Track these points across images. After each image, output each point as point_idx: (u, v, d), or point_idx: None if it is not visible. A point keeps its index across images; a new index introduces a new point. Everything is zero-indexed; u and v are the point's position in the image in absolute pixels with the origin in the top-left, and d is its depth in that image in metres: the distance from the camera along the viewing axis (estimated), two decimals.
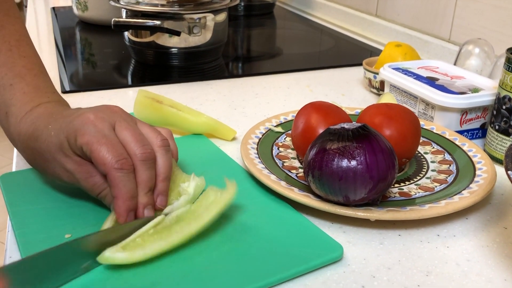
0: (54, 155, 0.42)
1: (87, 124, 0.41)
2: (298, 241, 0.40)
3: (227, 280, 0.36)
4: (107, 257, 0.34)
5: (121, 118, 0.43)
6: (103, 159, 0.39)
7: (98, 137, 0.40)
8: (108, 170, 0.39)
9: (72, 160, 0.41)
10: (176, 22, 0.79)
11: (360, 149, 0.41)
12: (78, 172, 0.41)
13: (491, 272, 0.39)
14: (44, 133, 0.43)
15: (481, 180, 0.48)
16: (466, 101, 0.57)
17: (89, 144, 0.40)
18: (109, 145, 0.40)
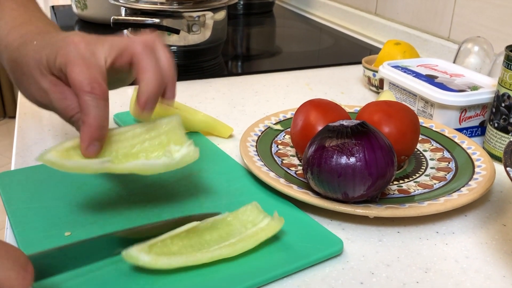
0: (31, 70, 0.41)
1: (70, 45, 0.40)
2: (298, 236, 0.40)
3: (228, 276, 0.36)
4: (132, 256, 0.34)
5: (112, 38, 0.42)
6: (74, 80, 0.38)
7: (76, 58, 0.39)
8: (78, 92, 0.38)
9: (47, 79, 0.41)
10: (175, 20, 0.79)
11: (359, 146, 0.41)
12: (52, 92, 0.40)
13: (490, 269, 0.39)
14: (27, 47, 0.42)
15: (480, 178, 0.48)
16: (465, 99, 0.57)
17: (66, 64, 0.39)
18: (84, 66, 0.39)
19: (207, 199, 0.46)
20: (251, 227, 0.40)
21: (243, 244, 0.38)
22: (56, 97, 0.40)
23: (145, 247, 0.35)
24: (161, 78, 0.41)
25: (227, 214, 0.40)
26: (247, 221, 0.40)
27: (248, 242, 0.38)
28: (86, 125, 0.38)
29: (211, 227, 0.39)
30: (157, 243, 0.35)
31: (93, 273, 0.36)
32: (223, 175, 0.50)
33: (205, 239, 0.38)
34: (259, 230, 0.39)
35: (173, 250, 0.36)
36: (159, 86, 0.41)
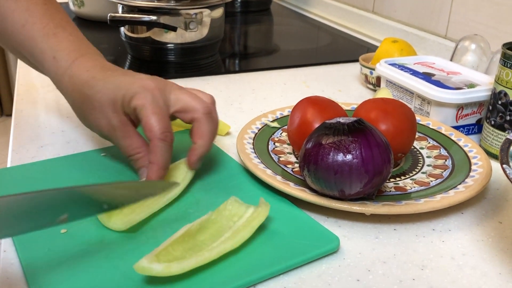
0: (104, 107, 0.46)
1: (146, 90, 0.45)
2: (295, 233, 0.40)
3: (224, 274, 0.36)
4: (144, 267, 0.34)
5: (175, 87, 0.48)
6: (151, 126, 0.44)
7: (153, 105, 0.45)
8: (153, 137, 0.44)
9: (118, 117, 0.46)
10: (172, 17, 0.78)
11: (355, 143, 0.41)
12: (120, 130, 0.46)
13: (486, 266, 0.39)
14: (100, 84, 0.46)
15: (476, 175, 0.48)
16: (462, 97, 0.57)
17: (143, 108, 0.44)
18: (160, 115, 0.45)
19: (203, 196, 0.46)
20: (237, 219, 0.40)
21: (241, 234, 0.38)
22: (122, 135, 0.46)
23: (153, 256, 0.35)
24: (212, 143, 0.48)
25: (211, 213, 0.40)
26: (231, 215, 0.41)
27: (244, 232, 0.38)
28: (156, 165, 0.44)
29: (200, 228, 0.39)
30: (161, 252, 0.36)
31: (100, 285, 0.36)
32: (219, 172, 0.50)
33: (199, 240, 0.38)
34: (250, 218, 0.40)
35: (177, 256, 0.36)
36: (209, 150, 0.47)
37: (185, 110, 0.47)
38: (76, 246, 0.39)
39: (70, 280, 0.35)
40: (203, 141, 0.46)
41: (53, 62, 0.50)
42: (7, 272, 0.37)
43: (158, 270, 0.34)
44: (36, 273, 0.36)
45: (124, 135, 0.46)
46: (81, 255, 0.38)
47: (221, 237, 0.38)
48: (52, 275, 0.36)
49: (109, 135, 0.47)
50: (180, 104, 0.47)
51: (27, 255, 0.38)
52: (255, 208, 0.41)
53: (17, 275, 0.37)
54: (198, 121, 0.46)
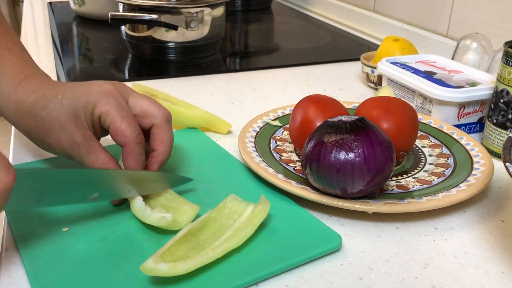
0: (64, 124, 0.43)
1: (108, 95, 0.44)
2: (297, 232, 0.40)
3: (227, 271, 0.36)
4: (151, 268, 0.34)
5: (131, 90, 0.47)
6: (124, 131, 0.43)
7: (119, 110, 0.43)
8: (128, 142, 0.43)
9: (82, 132, 0.43)
10: (173, 16, 0.78)
11: (358, 142, 0.41)
12: (84, 145, 0.43)
13: (488, 265, 0.39)
14: (52, 101, 0.44)
15: (478, 173, 0.48)
16: (463, 95, 0.57)
17: (109, 115, 0.43)
18: (129, 119, 0.44)
19: (205, 195, 0.46)
20: (238, 217, 0.40)
21: (244, 232, 0.38)
22: (87, 150, 0.43)
23: (158, 257, 0.34)
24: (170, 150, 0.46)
25: (210, 211, 0.40)
26: (231, 212, 0.41)
27: (246, 230, 0.38)
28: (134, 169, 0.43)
29: (201, 227, 0.39)
30: (166, 252, 0.35)
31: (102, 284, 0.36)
32: (221, 171, 0.50)
33: (201, 238, 0.38)
34: (251, 216, 0.40)
35: (180, 255, 0.36)
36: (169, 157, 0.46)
37: (145, 115, 0.45)
38: (78, 244, 0.39)
39: (72, 278, 0.35)
40: (164, 147, 0.45)
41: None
42: (9, 271, 0.37)
43: (164, 270, 0.34)
44: (38, 272, 0.36)
45: (89, 150, 0.43)
46: (83, 254, 0.38)
47: (222, 236, 0.38)
48: (54, 274, 0.35)
49: (72, 154, 0.44)
50: (139, 108, 0.45)
51: (29, 253, 0.37)
52: (255, 205, 0.41)
53: (19, 273, 0.37)
54: (159, 127, 0.45)
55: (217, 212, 0.41)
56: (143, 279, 0.35)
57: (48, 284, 0.35)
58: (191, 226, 0.38)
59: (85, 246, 0.38)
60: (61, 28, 1.03)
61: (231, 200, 0.41)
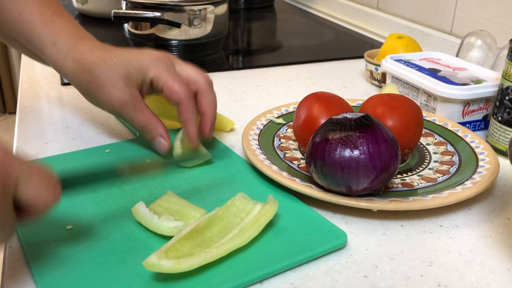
0: (116, 82, 0.48)
1: (159, 60, 0.49)
2: (302, 230, 0.40)
3: (231, 269, 0.36)
4: (153, 264, 0.34)
5: (176, 59, 0.52)
6: (178, 90, 0.48)
7: (170, 73, 0.49)
8: (182, 100, 0.48)
9: (131, 91, 0.49)
10: (176, 13, 0.78)
11: (362, 139, 0.41)
12: (132, 103, 0.49)
13: (494, 262, 0.39)
14: (107, 62, 0.49)
15: (484, 171, 0.47)
16: (468, 92, 0.57)
17: (161, 77, 0.48)
18: (180, 80, 0.49)
19: (209, 193, 0.46)
20: (245, 215, 0.40)
21: (250, 231, 0.38)
22: (134, 107, 0.49)
23: (161, 253, 0.34)
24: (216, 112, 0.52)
25: (218, 209, 0.40)
26: (239, 211, 0.40)
27: (253, 229, 0.38)
28: (191, 123, 0.49)
29: (208, 224, 0.39)
30: (170, 248, 0.35)
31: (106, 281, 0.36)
32: (225, 168, 0.50)
33: (207, 236, 0.38)
34: (259, 215, 0.39)
35: (185, 252, 0.36)
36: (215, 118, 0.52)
37: (190, 81, 0.50)
38: (82, 242, 0.39)
39: (76, 276, 0.35)
40: (212, 108, 0.50)
41: (53, 48, 0.51)
42: (12, 268, 0.37)
43: (167, 266, 0.34)
44: (42, 269, 0.36)
45: (136, 108, 0.49)
46: (88, 252, 0.37)
47: (228, 234, 0.38)
48: (58, 271, 0.35)
49: (120, 110, 0.49)
50: (185, 75, 0.50)
51: (33, 251, 0.37)
52: (263, 205, 0.40)
53: (23, 270, 0.36)
54: (203, 92, 0.50)
55: (224, 210, 0.40)
56: (148, 277, 0.35)
57: (52, 281, 0.34)
58: (197, 223, 0.38)
59: (89, 244, 0.38)
60: None
61: (239, 198, 0.41)
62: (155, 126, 0.50)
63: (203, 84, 0.50)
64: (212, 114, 0.51)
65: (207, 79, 0.51)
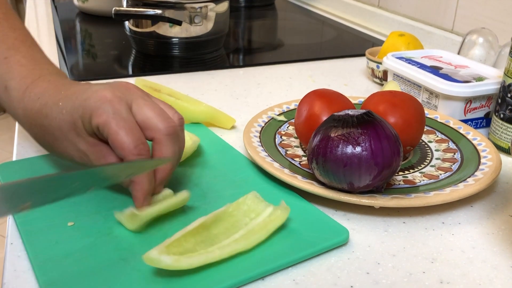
0: (66, 134, 0.41)
1: (104, 104, 0.39)
2: (304, 226, 0.40)
3: (233, 265, 0.36)
4: (153, 259, 0.33)
5: (137, 95, 0.42)
6: (121, 143, 0.39)
7: (117, 119, 0.39)
8: (127, 155, 0.39)
9: (85, 140, 0.41)
10: (177, 11, 0.78)
11: (365, 135, 0.41)
12: (91, 152, 0.41)
13: (497, 259, 0.39)
14: (53, 110, 0.41)
15: (486, 168, 0.47)
16: (470, 90, 0.57)
17: (106, 126, 0.39)
18: (127, 128, 0.39)
19: (210, 190, 0.46)
20: (254, 216, 0.39)
21: (256, 236, 0.38)
22: (96, 157, 0.41)
23: (163, 248, 0.34)
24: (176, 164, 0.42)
25: (228, 206, 0.40)
26: (249, 210, 0.40)
27: (260, 233, 0.38)
28: (138, 183, 0.39)
29: (215, 221, 0.38)
30: (173, 243, 0.35)
31: (108, 277, 0.35)
32: (226, 165, 0.50)
33: (213, 233, 0.38)
34: (268, 220, 0.39)
35: (188, 248, 0.36)
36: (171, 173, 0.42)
37: (146, 127, 0.40)
38: (83, 238, 0.38)
39: (77, 272, 0.35)
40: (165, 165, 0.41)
41: (5, 94, 0.45)
42: (14, 265, 0.37)
43: (167, 262, 0.33)
44: (43, 266, 0.35)
45: (97, 156, 0.41)
46: (89, 248, 0.37)
47: (235, 234, 0.38)
48: (59, 268, 0.35)
49: (82, 161, 0.42)
50: (141, 117, 0.41)
51: (34, 247, 0.37)
52: (274, 208, 0.40)
53: (24, 267, 0.36)
54: (159, 142, 0.40)
55: (235, 207, 0.40)
56: (150, 273, 0.35)
57: (53, 278, 0.34)
58: (204, 219, 0.37)
59: (90, 240, 0.38)
60: (64, 25, 1.03)
61: (251, 197, 0.40)
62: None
63: (161, 132, 0.40)
64: (163, 171, 0.41)
65: (169, 126, 0.40)
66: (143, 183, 0.40)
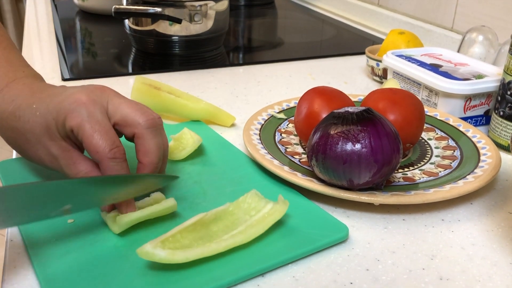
0: (38, 137, 0.40)
1: (79, 106, 0.39)
2: (304, 223, 0.40)
3: (232, 262, 0.36)
4: (147, 252, 0.33)
5: (112, 95, 0.41)
6: (96, 146, 0.38)
7: (91, 122, 0.38)
8: (102, 158, 0.38)
9: (57, 144, 0.40)
10: (177, 9, 0.78)
11: (364, 133, 0.41)
12: (62, 158, 0.40)
13: (496, 256, 0.39)
14: (27, 112, 0.41)
15: (486, 165, 0.47)
16: (470, 87, 0.57)
17: (80, 128, 0.38)
18: (102, 132, 0.38)
19: (210, 187, 0.46)
20: (255, 214, 0.39)
21: (254, 230, 0.37)
22: (65, 163, 0.40)
23: (158, 242, 0.34)
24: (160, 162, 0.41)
25: (229, 205, 0.40)
26: (250, 208, 0.40)
27: (258, 227, 0.38)
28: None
29: (215, 219, 0.38)
30: (168, 238, 0.35)
31: (107, 274, 0.36)
32: (226, 163, 0.50)
33: (212, 230, 0.38)
34: (266, 215, 0.39)
35: (185, 244, 0.35)
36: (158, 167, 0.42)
37: (125, 124, 0.40)
38: (83, 235, 0.38)
39: (77, 269, 0.35)
40: (149, 158, 0.40)
41: None
42: (14, 262, 0.37)
43: (161, 256, 0.33)
44: (43, 263, 0.35)
45: (68, 162, 0.40)
46: (88, 245, 0.37)
47: (234, 230, 0.38)
48: (59, 264, 0.35)
49: (52, 167, 0.41)
50: (119, 116, 0.40)
51: (33, 244, 0.37)
52: (274, 204, 0.40)
53: (24, 264, 0.36)
54: (140, 136, 0.40)
55: (235, 206, 0.40)
56: (149, 269, 0.35)
57: (53, 274, 0.34)
58: (202, 216, 0.37)
59: (91, 237, 0.38)
60: (64, 23, 1.03)
61: (252, 195, 0.40)
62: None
63: (141, 126, 0.40)
64: (150, 165, 0.40)
65: (146, 119, 0.40)
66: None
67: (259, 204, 0.40)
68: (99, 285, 0.34)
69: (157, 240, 0.34)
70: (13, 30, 2.55)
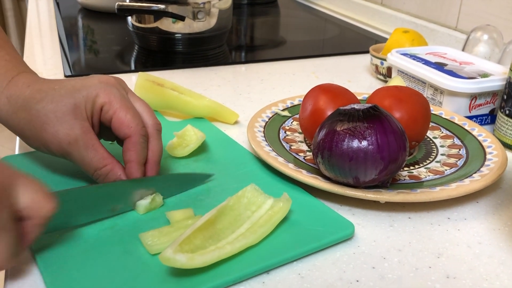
0: (63, 115, 0.40)
1: (109, 86, 0.42)
2: (309, 220, 0.40)
3: (239, 259, 0.35)
4: (169, 258, 0.33)
5: (129, 90, 0.45)
6: (130, 121, 0.41)
7: (123, 100, 0.42)
8: (133, 133, 0.41)
9: (80, 124, 0.41)
10: (180, 6, 0.78)
11: (371, 130, 0.40)
12: (82, 138, 0.40)
13: (503, 255, 0.39)
14: (49, 94, 0.41)
15: (492, 164, 0.47)
16: (475, 86, 0.57)
17: (113, 104, 0.41)
18: (134, 111, 0.42)
19: (214, 184, 0.45)
20: (256, 209, 0.39)
21: (263, 229, 0.37)
22: (86, 144, 0.41)
23: (177, 246, 0.34)
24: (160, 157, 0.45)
25: (229, 199, 0.39)
26: (249, 203, 0.40)
27: (266, 226, 0.38)
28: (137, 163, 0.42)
29: (219, 215, 0.38)
30: (184, 240, 0.35)
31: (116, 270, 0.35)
32: (230, 160, 0.49)
33: (218, 228, 0.37)
34: (272, 213, 0.39)
35: (198, 244, 0.35)
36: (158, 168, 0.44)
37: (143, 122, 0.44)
38: (87, 232, 0.38)
39: (81, 265, 0.35)
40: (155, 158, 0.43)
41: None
42: None
43: (182, 262, 0.33)
44: (47, 259, 0.35)
45: (87, 144, 0.40)
46: (93, 241, 0.37)
47: (239, 228, 0.37)
48: (63, 261, 0.35)
49: (69, 149, 0.41)
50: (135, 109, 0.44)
51: (38, 241, 0.37)
52: (275, 201, 0.40)
53: (28, 260, 0.36)
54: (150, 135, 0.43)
55: (235, 200, 0.39)
56: (154, 265, 0.35)
57: (57, 271, 0.34)
58: (209, 214, 0.37)
59: (94, 234, 0.38)
60: (66, 21, 1.03)
61: (250, 190, 0.40)
62: (111, 168, 0.41)
63: (151, 128, 0.43)
64: (155, 164, 0.43)
65: (156, 123, 0.44)
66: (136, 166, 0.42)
67: (259, 199, 0.40)
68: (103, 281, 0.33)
69: (176, 244, 0.34)
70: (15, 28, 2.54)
